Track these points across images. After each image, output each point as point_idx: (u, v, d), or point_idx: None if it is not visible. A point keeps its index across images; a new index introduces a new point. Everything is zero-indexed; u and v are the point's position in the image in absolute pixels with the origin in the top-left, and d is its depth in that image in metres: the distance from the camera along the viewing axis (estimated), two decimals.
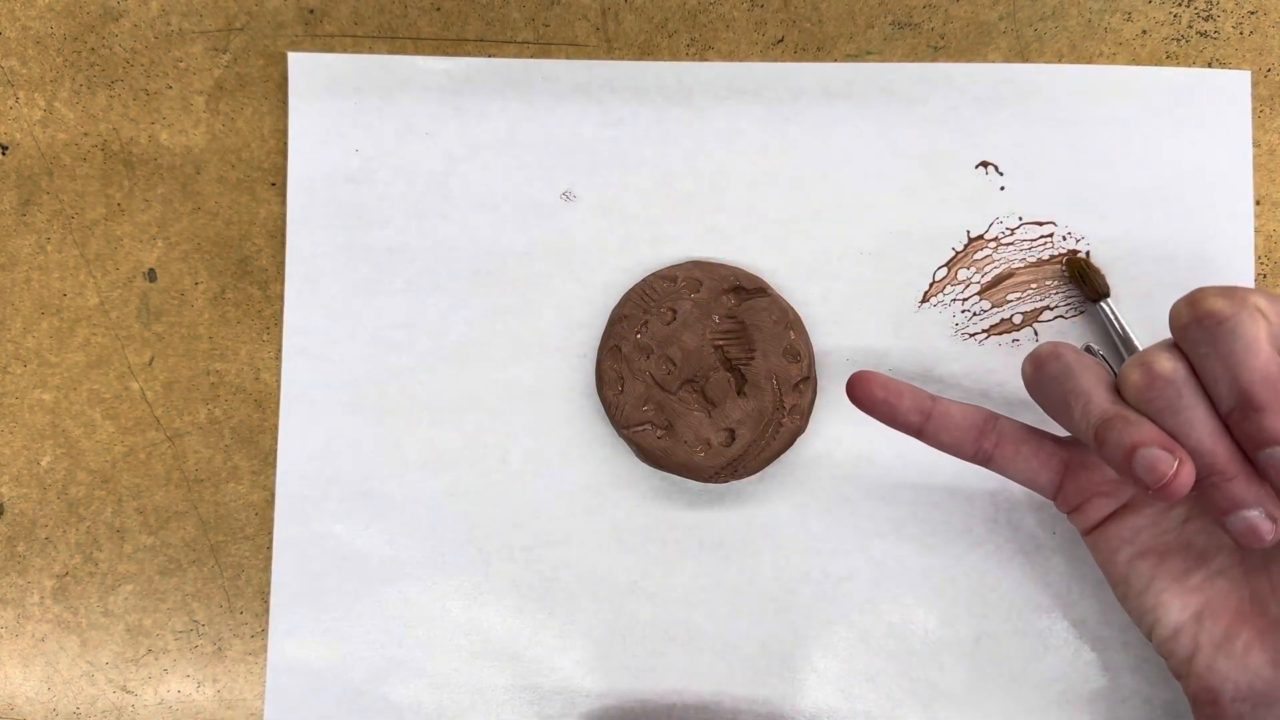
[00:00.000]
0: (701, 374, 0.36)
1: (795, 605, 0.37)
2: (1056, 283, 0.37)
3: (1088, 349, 0.36)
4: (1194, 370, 0.28)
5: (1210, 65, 0.38)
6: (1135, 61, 0.38)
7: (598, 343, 0.38)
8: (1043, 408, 0.31)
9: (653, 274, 0.37)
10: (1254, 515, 0.27)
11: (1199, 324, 0.27)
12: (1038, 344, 0.37)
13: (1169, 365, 0.28)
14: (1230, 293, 0.27)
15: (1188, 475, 0.27)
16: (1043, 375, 0.30)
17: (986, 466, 0.33)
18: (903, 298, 0.38)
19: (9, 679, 0.38)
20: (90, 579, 0.38)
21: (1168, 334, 0.30)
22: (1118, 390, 0.29)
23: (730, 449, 0.36)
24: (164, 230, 0.39)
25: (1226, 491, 0.27)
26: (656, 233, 0.38)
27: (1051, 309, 0.37)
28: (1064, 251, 0.37)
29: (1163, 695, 0.36)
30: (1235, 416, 0.27)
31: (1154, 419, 0.28)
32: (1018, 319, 0.37)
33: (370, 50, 0.38)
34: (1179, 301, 0.28)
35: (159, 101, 0.39)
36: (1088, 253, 0.37)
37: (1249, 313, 0.27)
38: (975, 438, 0.32)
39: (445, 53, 0.38)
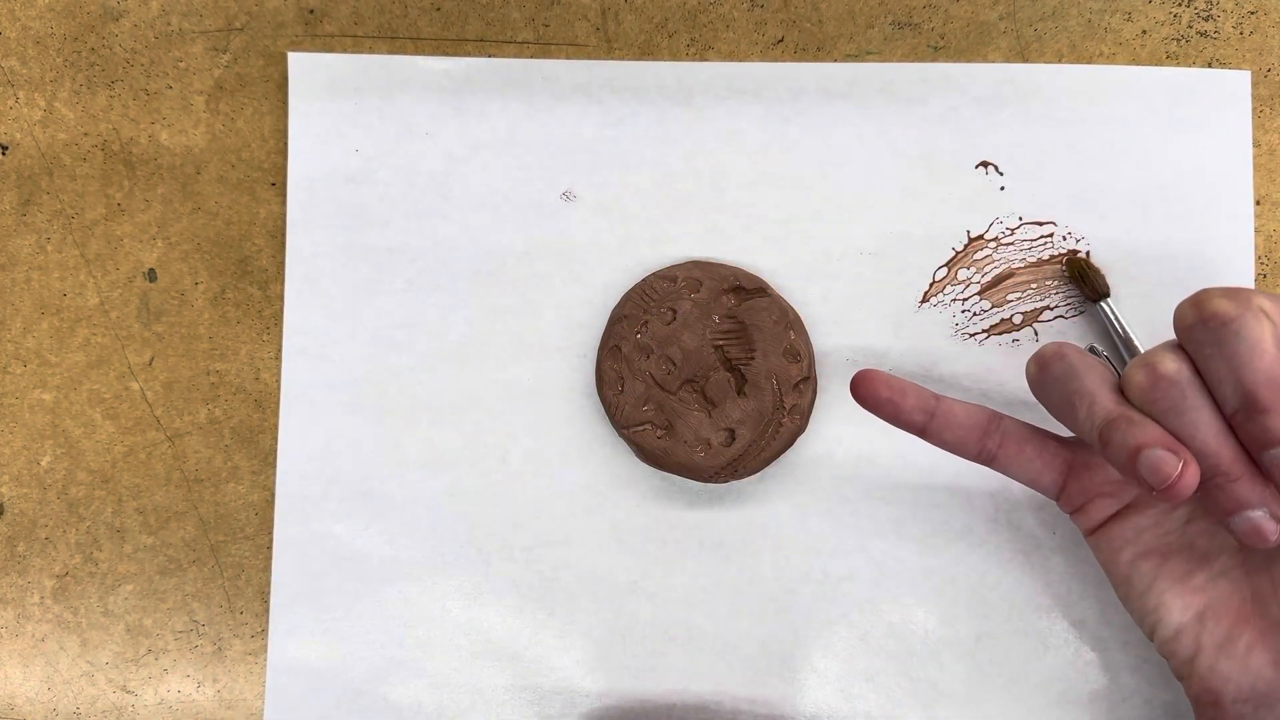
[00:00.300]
0: (701, 374, 0.36)
1: (795, 605, 0.37)
2: (1056, 283, 0.37)
3: (1091, 349, 0.36)
4: (1198, 371, 0.28)
5: (1210, 65, 0.38)
6: (1135, 61, 0.38)
7: (598, 343, 0.38)
8: (1047, 408, 0.31)
9: (653, 274, 0.37)
10: (1258, 516, 0.27)
11: (1203, 325, 0.27)
12: (1042, 344, 0.37)
13: (1173, 366, 0.28)
14: (1235, 294, 0.27)
15: (1192, 476, 0.27)
16: (1047, 376, 0.30)
17: (990, 466, 0.33)
18: (903, 298, 0.38)
19: (9, 679, 0.38)
20: (90, 579, 0.38)
21: (1168, 334, 0.30)
22: (1122, 391, 0.29)
23: (730, 449, 0.36)
24: (164, 230, 0.38)
25: (1231, 492, 0.27)
26: (656, 233, 0.38)
27: (1051, 309, 0.37)
28: (1064, 251, 0.37)
29: (1163, 696, 0.36)
30: (1239, 417, 0.27)
31: (1158, 420, 0.28)
32: (1018, 319, 0.37)
33: (370, 50, 0.38)
34: (1183, 303, 0.28)
35: (159, 101, 0.39)
36: (1088, 253, 0.37)
37: (1253, 314, 0.27)
38: (979, 437, 0.32)
39: (445, 53, 0.38)
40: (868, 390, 0.32)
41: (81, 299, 0.38)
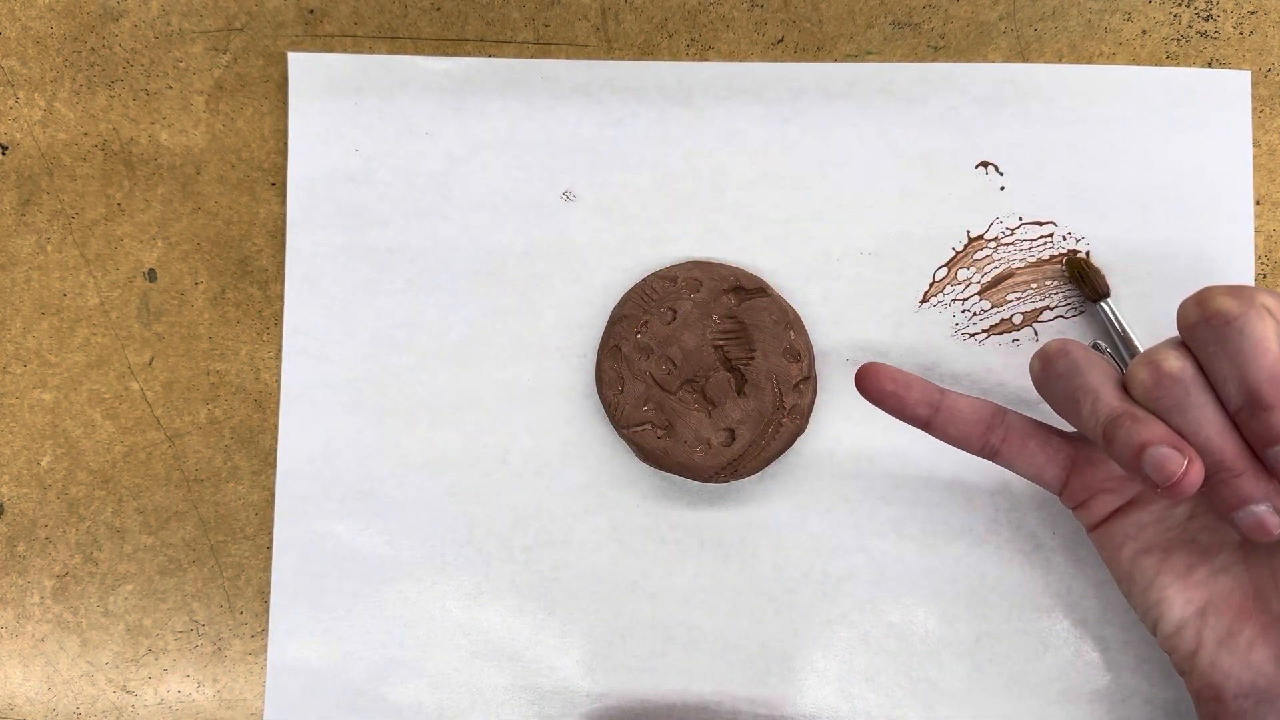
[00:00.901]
0: (701, 374, 0.36)
1: (795, 605, 0.37)
2: (1056, 283, 0.37)
3: (1095, 346, 0.36)
4: (1202, 369, 0.28)
5: (1210, 65, 0.38)
6: (1135, 61, 0.38)
7: (598, 343, 0.38)
8: (1051, 405, 0.31)
9: (653, 274, 0.37)
10: (1262, 510, 0.27)
11: (1207, 323, 0.28)
12: (1046, 341, 0.37)
13: (1177, 364, 0.28)
14: (1238, 292, 0.28)
15: (1196, 474, 0.27)
16: (1051, 372, 0.30)
17: (993, 460, 0.33)
18: (903, 298, 0.38)
19: (9, 679, 0.38)
20: (90, 579, 0.38)
21: (1168, 334, 0.30)
22: (1125, 388, 0.29)
23: (730, 449, 0.36)
24: (164, 230, 0.38)
25: (1235, 487, 0.27)
26: (656, 233, 0.38)
27: (1051, 309, 0.37)
28: (1064, 251, 0.37)
29: (1164, 695, 0.36)
30: (1243, 414, 0.27)
31: (1162, 417, 0.28)
32: (1018, 319, 0.37)
33: (370, 50, 0.38)
34: (1187, 300, 0.29)
35: (159, 101, 0.39)
36: (1088, 253, 0.37)
37: (1257, 312, 0.27)
38: (983, 431, 0.32)
39: (445, 53, 0.38)
40: (872, 383, 0.32)
41: (81, 299, 0.38)
